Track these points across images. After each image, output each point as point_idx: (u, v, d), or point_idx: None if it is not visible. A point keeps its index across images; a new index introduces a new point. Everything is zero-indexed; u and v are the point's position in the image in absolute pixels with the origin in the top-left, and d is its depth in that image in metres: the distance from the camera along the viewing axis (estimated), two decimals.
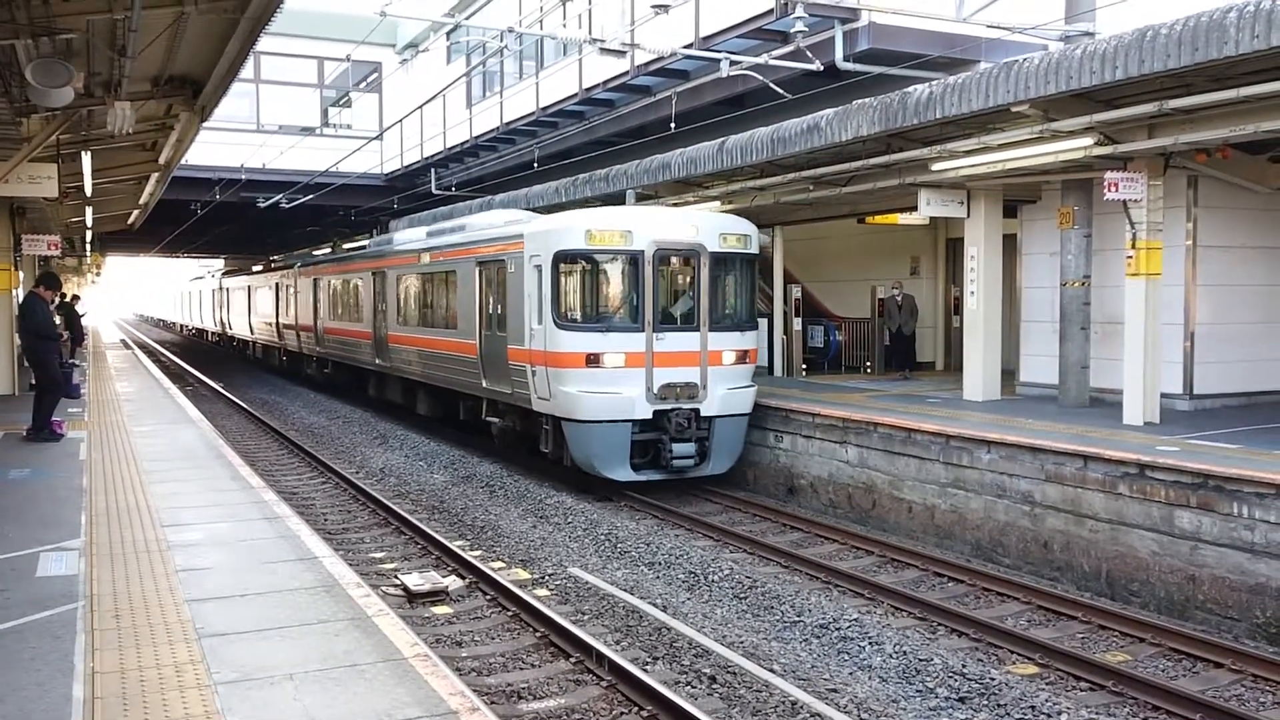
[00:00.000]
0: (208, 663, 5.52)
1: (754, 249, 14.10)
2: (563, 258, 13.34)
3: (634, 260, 13.25)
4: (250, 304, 37.68)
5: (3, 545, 7.85)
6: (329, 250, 36.79)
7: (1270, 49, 8.48)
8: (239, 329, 41.57)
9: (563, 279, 13.44)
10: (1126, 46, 9.60)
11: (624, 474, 13.18)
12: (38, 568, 7.31)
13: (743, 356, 13.95)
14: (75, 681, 5.23)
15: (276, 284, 32.45)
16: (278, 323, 32.36)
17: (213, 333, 51.59)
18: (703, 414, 13.40)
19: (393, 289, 20.43)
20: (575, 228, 13.32)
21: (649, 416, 13.16)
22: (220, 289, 46.41)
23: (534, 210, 18.58)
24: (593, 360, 13.06)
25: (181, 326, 69.53)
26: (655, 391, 13.18)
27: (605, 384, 13.06)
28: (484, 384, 15.66)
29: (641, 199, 18.17)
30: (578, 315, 13.48)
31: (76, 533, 8.32)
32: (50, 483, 10.46)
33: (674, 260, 13.63)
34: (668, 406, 13.22)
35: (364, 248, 27.51)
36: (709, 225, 13.77)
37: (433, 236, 19.15)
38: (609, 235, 13.18)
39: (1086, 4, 12.74)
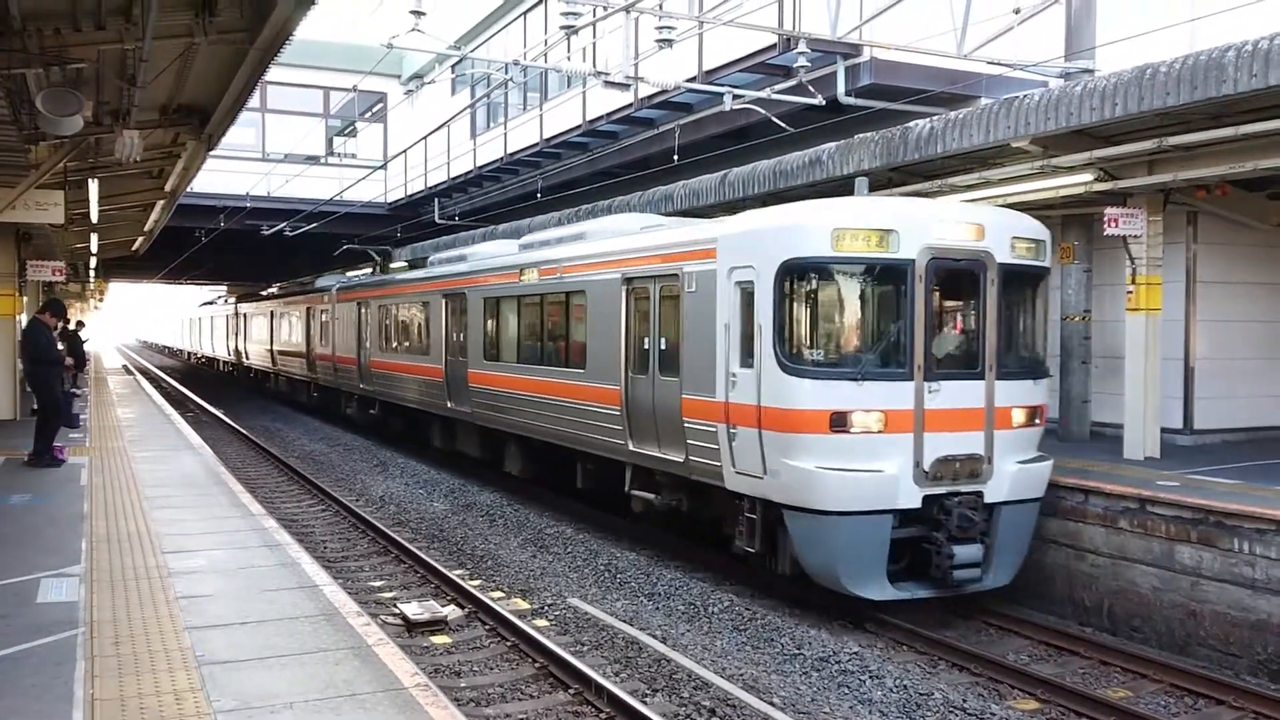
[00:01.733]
0: (207, 691, 5.52)
1: (1047, 260, 10.35)
2: (795, 270, 9.40)
3: (899, 274, 9.40)
4: (273, 331, 33.94)
5: (3, 571, 7.85)
6: (370, 270, 32.71)
7: (1268, 88, 8.57)
8: (258, 359, 37.60)
9: (793, 302, 9.52)
10: (1126, 84, 9.70)
11: (879, 589, 9.23)
12: (38, 594, 7.31)
13: (1033, 415, 10.10)
14: (75, 709, 5.22)
15: (307, 310, 28.87)
16: (309, 354, 28.61)
17: (226, 362, 47.55)
18: (986, 499, 9.59)
19: (477, 315, 16.51)
20: (815, 226, 9.36)
21: (917, 505, 9.31)
22: (236, 315, 42.36)
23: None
24: (839, 422, 9.12)
25: (189, 355, 65.27)
26: (926, 468, 9.31)
27: (857, 457, 9.16)
28: (631, 445, 11.90)
29: None
30: (819, 355, 9.50)
31: (77, 559, 8.32)
32: (51, 508, 10.47)
33: (946, 273, 9.69)
34: (941, 490, 9.37)
35: (414, 264, 25.43)
36: (998, 224, 9.92)
37: (538, 249, 15.13)
38: (863, 237, 9.31)
39: (1087, 41, 12.87)
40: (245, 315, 40.15)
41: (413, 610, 9.52)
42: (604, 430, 12.48)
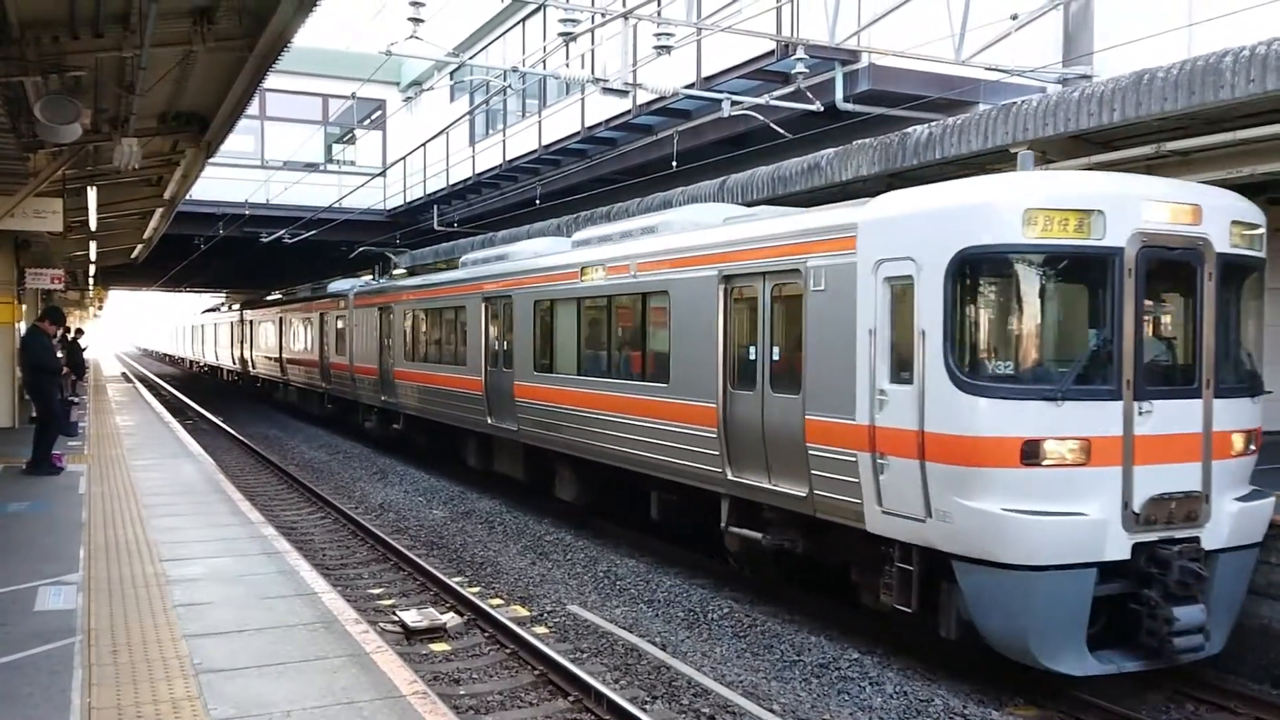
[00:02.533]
0: (205, 699, 5.50)
1: (1264, 250, 8.71)
2: (975, 262, 7.69)
3: (1104, 266, 7.68)
4: (282, 339, 32.33)
5: (1, 579, 7.83)
6: (370, 276, 30.78)
7: (1266, 93, 8.57)
8: (266, 368, 35.90)
9: (971, 302, 7.82)
10: (1124, 89, 9.70)
11: (1078, 662, 7.52)
12: (36, 602, 7.30)
13: (1249, 440, 8.37)
14: (73, 717, 5.21)
15: (320, 316, 27.31)
16: (323, 363, 27.03)
17: (230, 371, 45.95)
18: (1204, 547, 7.82)
19: (525, 320, 14.72)
20: (1002, 206, 7.60)
21: (1125, 556, 7.59)
22: (242, 321, 40.52)
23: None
24: (1032, 453, 7.41)
25: (191, 363, 63.64)
26: (1137, 509, 7.60)
27: (1054, 496, 7.46)
28: (729, 474, 10.13)
29: None
30: (1007, 368, 7.78)
31: (75, 567, 8.30)
32: (49, 516, 10.45)
33: (1157, 265, 7.91)
34: (1153, 537, 7.66)
35: (414, 270, 24.25)
36: (1216, 206, 8.21)
37: (600, 245, 13.29)
38: (1061, 219, 7.57)
39: (1084, 47, 12.89)
40: (252, 322, 38.37)
41: (411, 617, 9.50)
42: (692, 455, 10.67)
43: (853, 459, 8.42)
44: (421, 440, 20.46)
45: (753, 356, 9.95)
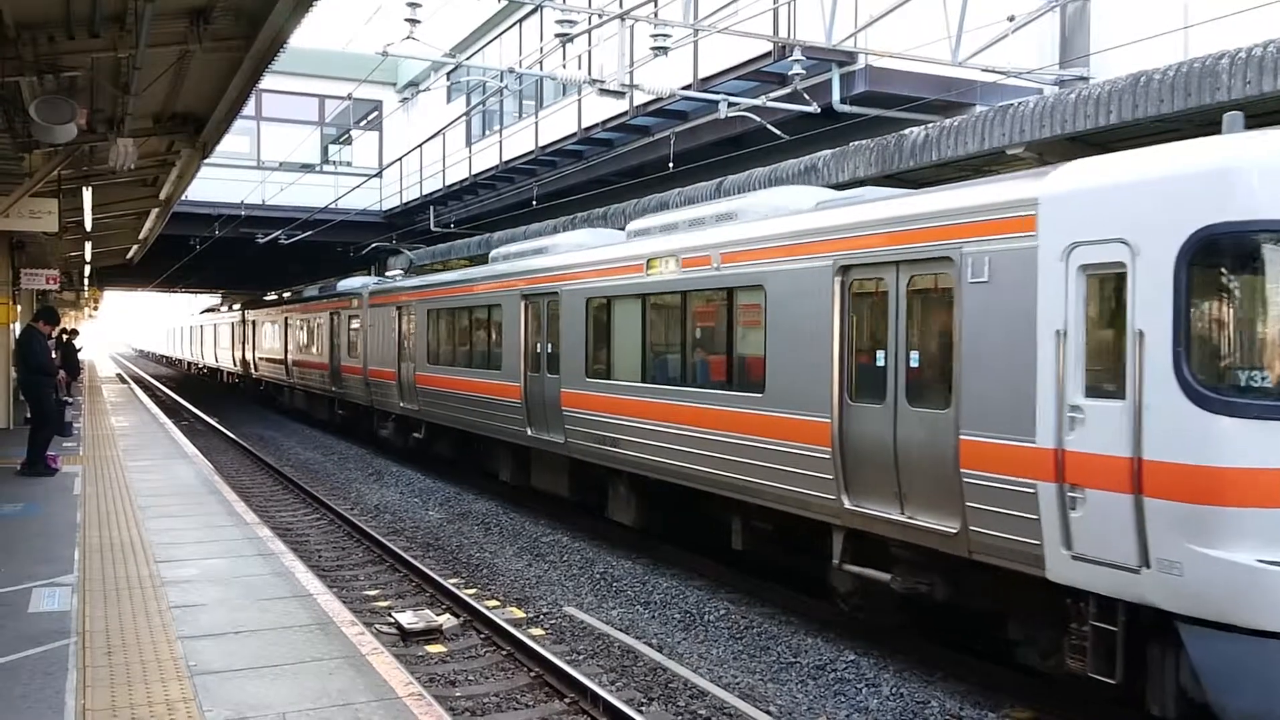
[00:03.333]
0: (199, 701, 5.48)
1: None
2: (1217, 245, 6.19)
3: None
4: (288, 341, 30.79)
5: None
6: (381, 271, 29.58)
7: (1262, 95, 8.58)
8: (270, 371, 34.17)
9: (1213, 295, 6.39)
10: (1120, 91, 9.71)
11: None
12: (30, 603, 7.28)
13: None
14: (66, 719, 5.18)
15: (331, 316, 25.81)
16: (333, 366, 25.38)
17: (231, 373, 44.36)
18: None
19: (574, 320, 13.16)
20: (1257, 169, 6.09)
21: None
22: (244, 322, 38.94)
23: None
24: None
25: (189, 365, 61.89)
26: None
27: None
28: (847, 501, 8.58)
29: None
30: (1264, 380, 6.20)
31: (70, 568, 8.28)
32: (44, 518, 10.43)
33: None
34: None
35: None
36: None
37: (664, 235, 11.67)
38: None
39: (1081, 49, 12.91)
40: (255, 322, 36.61)
41: (407, 619, 9.49)
42: (793, 478, 9.12)
43: (1029, 490, 6.86)
44: (446, 451, 18.89)
45: (880, 363, 8.27)
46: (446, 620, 9.68)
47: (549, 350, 13.93)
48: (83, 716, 5.23)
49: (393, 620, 9.63)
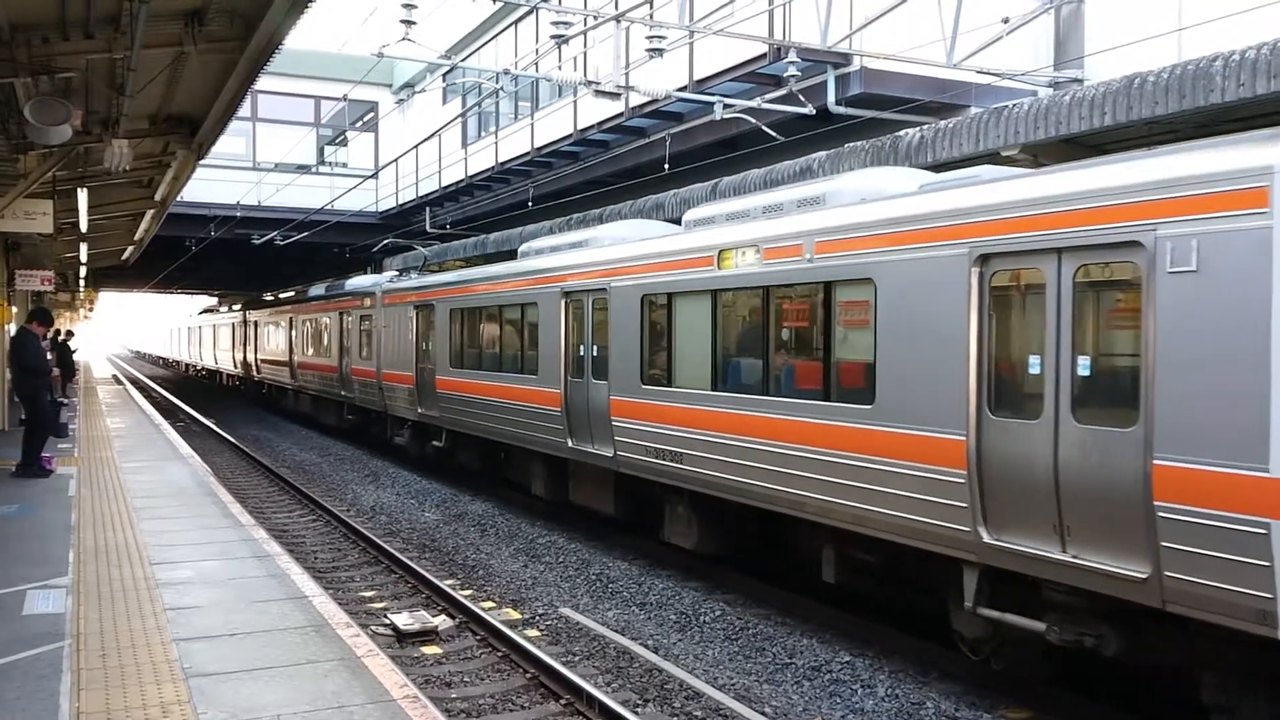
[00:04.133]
0: (194, 703, 5.48)
1: None
2: None
3: None
4: (293, 342, 29.49)
5: None
6: (375, 270, 28.39)
7: (1255, 97, 8.61)
8: (273, 373, 32.92)
9: None
10: (1115, 93, 9.74)
11: None
12: (24, 605, 7.27)
13: None
14: None
15: (340, 316, 24.45)
16: (342, 369, 24.08)
17: (231, 376, 43.23)
18: None
19: (627, 320, 11.74)
20: None
21: None
22: (245, 322, 37.84)
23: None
24: None
25: (187, 366, 60.67)
26: None
27: None
28: (986, 534, 7.26)
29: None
30: None
31: (64, 570, 8.27)
32: (38, 519, 10.41)
33: None
34: None
35: (475, 259, 21.44)
36: None
37: (734, 225, 10.33)
38: None
39: (1075, 51, 12.93)
40: (257, 323, 35.25)
41: (403, 621, 9.48)
42: (913, 504, 7.82)
43: (1259, 530, 5.64)
44: (471, 461, 17.53)
45: (1035, 370, 6.98)
46: (442, 622, 9.68)
47: (594, 353, 12.59)
48: (77, 719, 5.23)
49: (388, 622, 9.63)
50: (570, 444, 13.09)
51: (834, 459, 8.61)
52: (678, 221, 12.62)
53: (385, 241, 26.57)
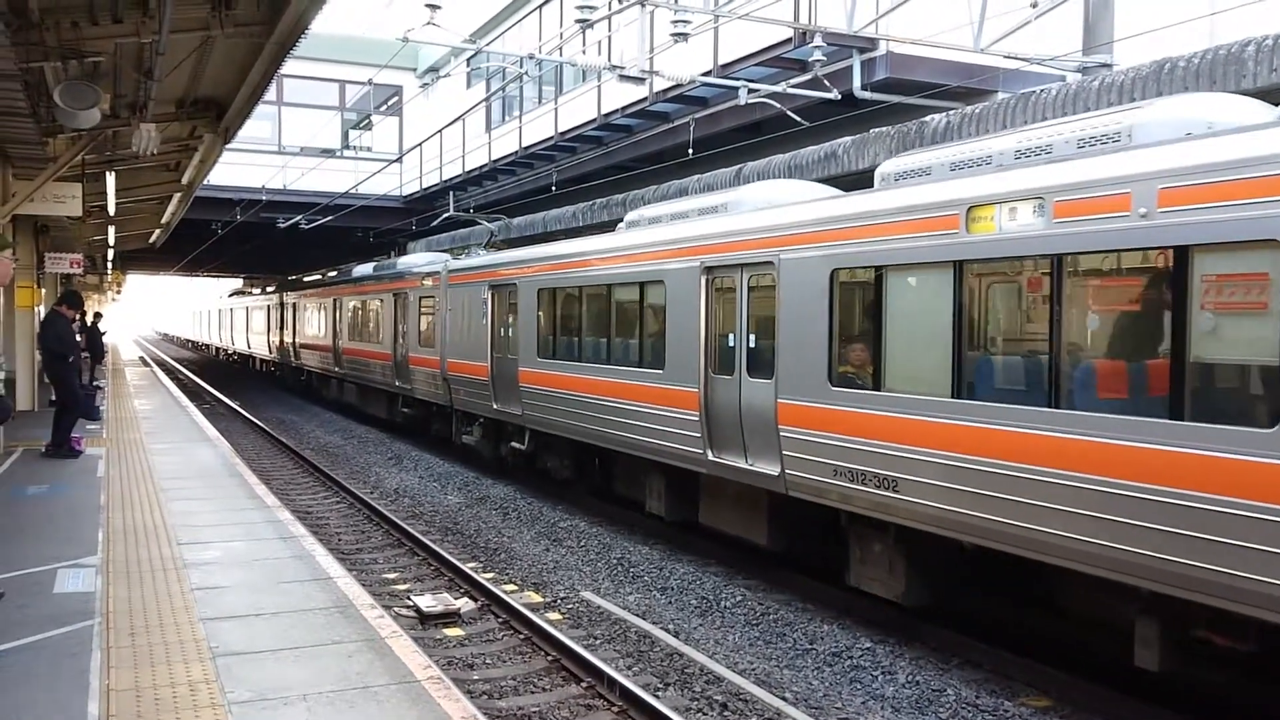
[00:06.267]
0: (221, 682, 5.55)
1: None
2: None
3: None
4: (337, 326, 27.18)
5: (21, 561, 7.91)
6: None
7: None
8: (315, 361, 30.41)
9: None
10: (1144, 79, 9.63)
11: None
12: (55, 584, 7.38)
13: None
14: (90, 699, 5.26)
15: (394, 298, 22.01)
16: (397, 358, 21.61)
17: (266, 360, 40.92)
18: None
19: (808, 304, 9.22)
20: None
21: None
22: (281, 305, 35.43)
23: None
24: None
25: (217, 350, 58.53)
26: None
27: None
28: None
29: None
30: None
31: (94, 550, 8.38)
32: (68, 499, 10.55)
33: None
34: None
35: (546, 235, 19.63)
36: None
37: (963, 178, 7.94)
38: None
39: (1104, 35, 12.78)
40: (295, 305, 32.79)
41: (426, 603, 9.56)
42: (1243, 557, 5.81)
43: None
44: (559, 468, 15.10)
45: None
46: (464, 604, 9.75)
47: (751, 344, 10.16)
48: (107, 696, 5.31)
49: (411, 604, 9.71)
50: (710, 456, 10.65)
51: (1195, 503, 6.06)
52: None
53: (444, 216, 24.76)
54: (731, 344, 10.44)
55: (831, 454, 8.89)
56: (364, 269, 26.68)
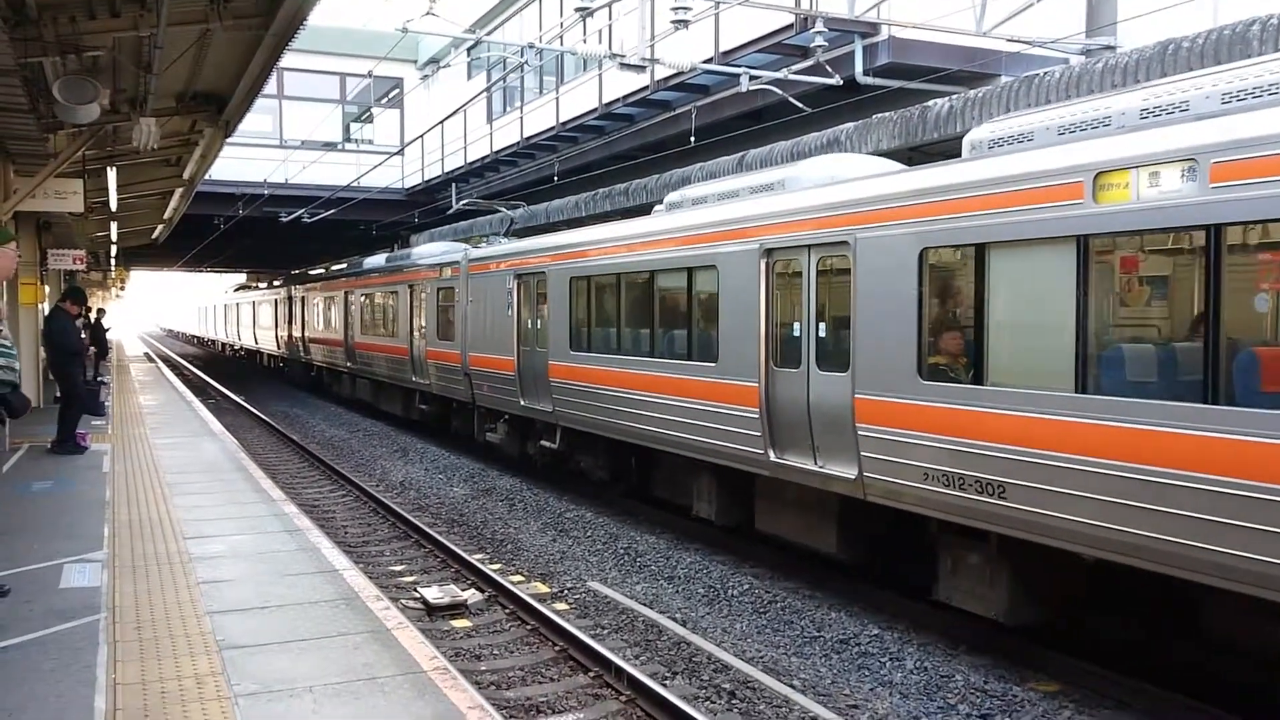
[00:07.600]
0: (228, 675, 5.55)
1: None
2: None
3: None
4: (349, 319, 26.22)
5: (27, 557, 7.92)
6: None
7: None
8: (326, 356, 29.48)
9: None
10: (1149, 60, 9.57)
11: None
12: (61, 579, 7.38)
13: None
14: (97, 693, 5.26)
15: (410, 289, 21.07)
16: (413, 352, 20.81)
17: (273, 356, 40.21)
18: None
19: (894, 293, 8.20)
20: None
21: None
22: (289, 299, 34.40)
23: None
24: None
25: (223, 345, 57.77)
26: None
27: None
28: None
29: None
30: None
31: (99, 545, 8.38)
32: (74, 495, 10.55)
33: None
34: None
35: (573, 220, 18.84)
36: None
37: (1080, 141, 6.94)
38: None
39: (1108, 17, 12.71)
40: (304, 299, 31.94)
41: (432, 594, 9.56)
42: None
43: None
44: (594, 469, 14.12)
45: None
46: (471, 595, 9.75)
47: (820, 334, 9.17)
48: (114, 690, 5.31)
49: (418, 595, 9.71)
50: (772, 456, 9.69)
51: None
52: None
53: (462, 204, 23.85)
54: (797, 333, 9.44)
55: (922, 455, 7.92)
56: (376, 260, 25.80)
